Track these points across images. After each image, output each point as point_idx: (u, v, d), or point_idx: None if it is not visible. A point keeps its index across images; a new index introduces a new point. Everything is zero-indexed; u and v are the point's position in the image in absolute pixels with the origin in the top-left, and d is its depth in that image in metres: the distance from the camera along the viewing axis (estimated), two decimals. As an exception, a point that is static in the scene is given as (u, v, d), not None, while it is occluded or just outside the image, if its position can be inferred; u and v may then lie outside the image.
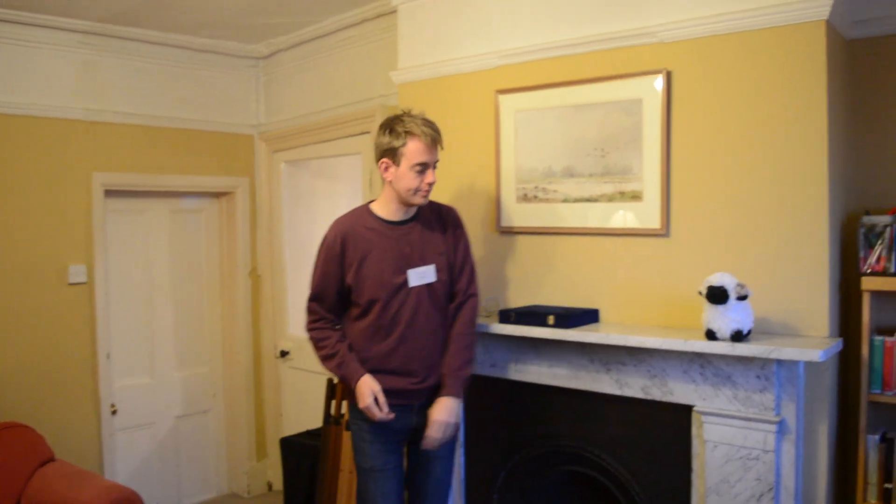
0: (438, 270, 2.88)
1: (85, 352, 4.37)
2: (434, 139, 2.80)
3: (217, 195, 5.17)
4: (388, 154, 2.80)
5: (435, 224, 2.94)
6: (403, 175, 2.79)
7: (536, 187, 3.21)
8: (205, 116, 4.91)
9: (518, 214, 3.29)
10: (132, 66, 4.55)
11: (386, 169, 2.83)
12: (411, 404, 2.89)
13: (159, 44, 4.60)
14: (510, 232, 3.32)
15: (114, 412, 4.53)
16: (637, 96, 2.92)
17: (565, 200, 3.13)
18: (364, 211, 2.95)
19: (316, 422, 4.37)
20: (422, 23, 3.60)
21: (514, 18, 3.28)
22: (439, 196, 3.48)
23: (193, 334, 5.10)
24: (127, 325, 4.72)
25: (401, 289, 2.83)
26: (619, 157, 2.97)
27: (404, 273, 2.83)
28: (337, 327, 2.95)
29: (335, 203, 4.63)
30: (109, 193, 4.51)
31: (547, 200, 3.19)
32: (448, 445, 2.98)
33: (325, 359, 2.92)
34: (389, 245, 2.85)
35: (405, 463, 3.02)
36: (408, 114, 2.83)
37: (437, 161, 2.84)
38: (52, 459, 3.68)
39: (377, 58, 4.24)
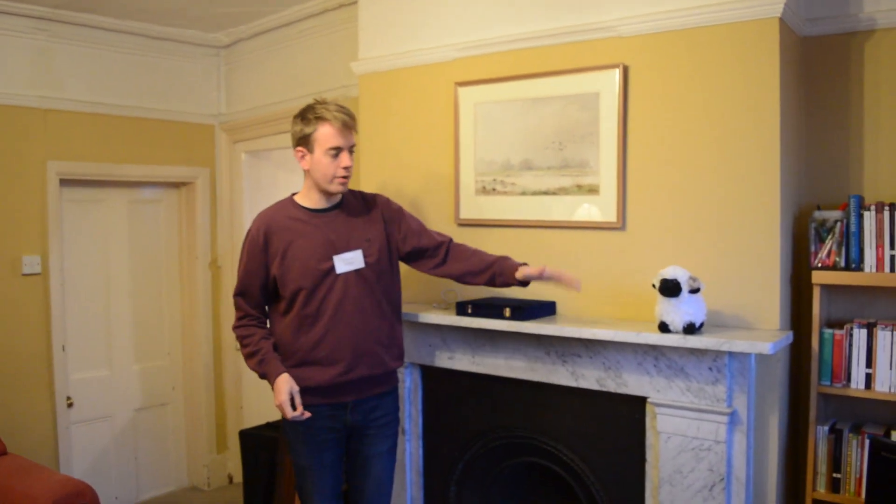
0: (366, 256, 2.85)
1: (39, 344, 4.30)
2: (346, 122, 2.78)
3: (177, 185, 5.11)
4: (302, 142, 2.80)
5: (360, 211, 2.92)
6: (319, 161, 2.78)
7: (495, 180, 3.21)
8: (164, 105, 4.84)
9: (477, 207, 3.29)
10: (89, 54, 4.48)
11: (302, 157, 2.82)
12: (343, 402, 2.86)
13: (117, 31, 4.52)
14: (469, 224, 3.32)
15: (70, 405, 4.47)
16: (594, 90, 2.93)
17: (523, 193, 3.14)
18: (287, 202, 2.93)
19: (276, 414, 4.34)
20: (382, 13, 3.58)
21: (473, 11, 3.27)
22: (401, 188, 3.48)
23: (152, 326, 5.04)
24: (83, 316, 4.65)
25: (327, 275, 2.80)
26: (577, 150, 2.98)
27: (330, 260, 2.80)
28: (262, 325, 2.92)
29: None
30: (65, 183, 4.44)
31: (505, 193, 3.19)
32: (386, 444, 2.96)
33: (247, 357, 2.87)
34: (314, 233, 2.83)
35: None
36: (320, 102, 2.82)
37: (352, 146, 2.82)
38: (3, 453, 3.63)
39: (339, 48, 4.21)
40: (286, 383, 2.75)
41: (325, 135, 2.76)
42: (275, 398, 2.77)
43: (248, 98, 4.94)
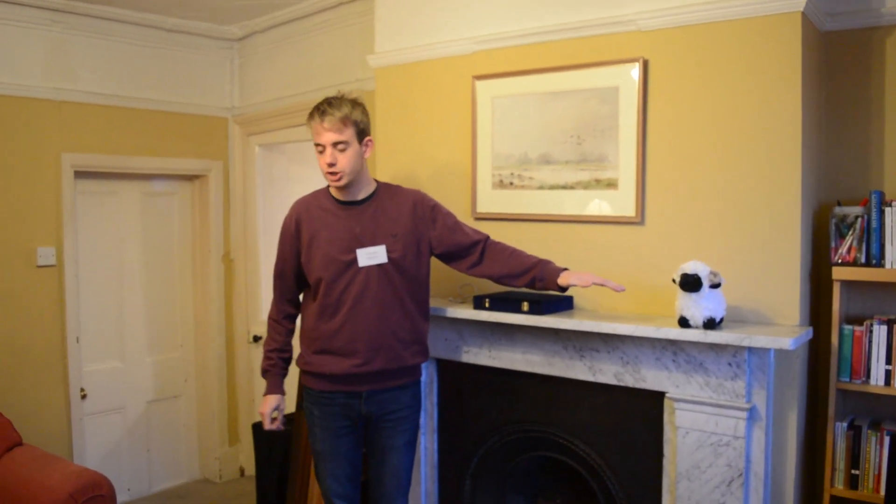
0: (390, 251, 2.83)
1: (54, 335, 4.31)
2: (326, 118, 2.75)
3: (190, 178, 5.11)
4: None
5: (392, 206, 2.91)
6: (317, 157, 2.84)
7: (512, 174, 3.21)
8: (178, 98, 4.84)
9: (494, 201, 3.28)
10: (103, 46, 4.48)
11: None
12: (358, 391, 2.87)
13: (131, 23, 4.52)
14: (486, 218, 3.31)
15: (83, 396, 4.48)
16: (614, 84, 2.92)
17: (541, 187, 3.13)
18: (322, 192, 2.98)
19: (289, 407, 4.35)
20: (399, 7, 3.57)
21: (491, 4, 3.26)
22: (418, 182, 3.47)
23: (165, 318, 5.06)
24: (97, 308, 4.67)
25: (349, 267, 2.81)
26: (595, 144, 2.98)
27: (353, 252, 2.82)
28: (287, 322, 3.05)
29: (310, 188, 4.53)
30: (79, 175, 4.45)
31: (523, 187, 3.18)
32: (403, 437, 2.96)
33: (264, 350, 3.09)
34: (339, 225, 2.85)
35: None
36: (331, 96, 2.83)
37: (339, 142, 2.77)
38: (19, 444, 3.63)
39: (354, 41, 4.21)
40: (275, 400, 3.01)
41: (313, 132, 2.81)
42: (260, 406, 3.03)
43: (261, 91, 4.93)
